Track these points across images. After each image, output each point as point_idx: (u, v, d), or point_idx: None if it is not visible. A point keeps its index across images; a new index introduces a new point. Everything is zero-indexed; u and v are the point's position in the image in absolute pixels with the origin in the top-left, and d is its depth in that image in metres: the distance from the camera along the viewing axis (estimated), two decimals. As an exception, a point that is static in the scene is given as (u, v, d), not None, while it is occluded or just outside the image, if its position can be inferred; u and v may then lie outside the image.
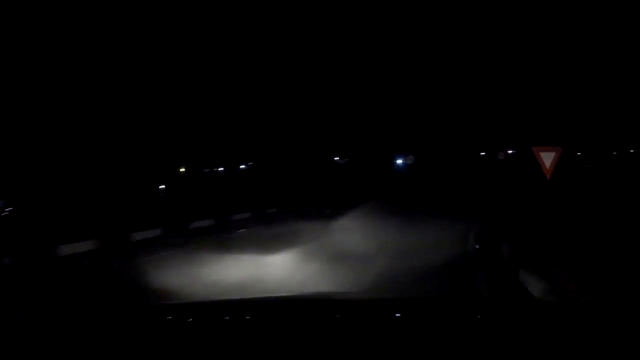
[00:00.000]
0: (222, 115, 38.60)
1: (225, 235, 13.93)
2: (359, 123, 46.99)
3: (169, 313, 2.18)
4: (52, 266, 10.55)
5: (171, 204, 22.47)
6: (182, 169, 38.49)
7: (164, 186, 30.45)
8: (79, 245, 12.67)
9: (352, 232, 10.78)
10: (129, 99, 29.43)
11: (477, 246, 8.90)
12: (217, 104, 38.26)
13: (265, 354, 1.51)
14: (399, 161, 41.38)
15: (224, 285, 6.64)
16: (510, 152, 51.04)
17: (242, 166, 47.50)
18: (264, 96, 41.81)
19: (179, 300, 4.90)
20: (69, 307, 5.37)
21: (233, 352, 1.55)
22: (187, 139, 35.48)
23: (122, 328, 1.89)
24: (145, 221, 15.96)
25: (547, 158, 9.31)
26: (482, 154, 53.81)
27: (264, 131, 42.35)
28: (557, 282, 5.39)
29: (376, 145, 46.95)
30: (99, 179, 23.84)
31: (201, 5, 40.09)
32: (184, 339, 1.67)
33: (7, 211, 20.01)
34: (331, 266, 7.41)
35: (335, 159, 50.98)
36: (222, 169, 45.75)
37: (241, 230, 15.10)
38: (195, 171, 39.83)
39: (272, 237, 11.57)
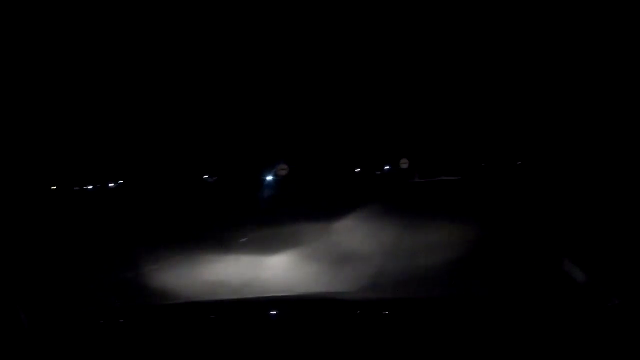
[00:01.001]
0: (100, 125, 36.70)
1: None
2: (230, 133, 41.81)
3: (169, 313, 2.19)
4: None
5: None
6: (54, 187, 36.32)
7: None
8: None
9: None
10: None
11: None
12: (97, 112, 36.53)
13: (265, 354, 1.51)
14: (269, 177, 31.06)
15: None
16: (387, 167, 45.61)
17: (112, 184, 43.51)
18: (138, 106, 39.31)
19: (179, 300, 4.90)
20: (69, 308, 5.37)
21: (232, 352, 1.55)
22: (63, 153, 33.71)
23: (122, 328, 1.89)
24: None
25: None
26: (357, 170, 47.06)
27: (136, 144, 39.31)
28: None
29: (248, 157, 40.33)
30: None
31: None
32: (184, 339, 1.67)
33: None
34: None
35: (205, 177, 45.35)
36: (91, 187, 41.83)
37: None
38: (65, 189, 36.90)
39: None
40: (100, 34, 38.37)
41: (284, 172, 27.00)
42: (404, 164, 35.00)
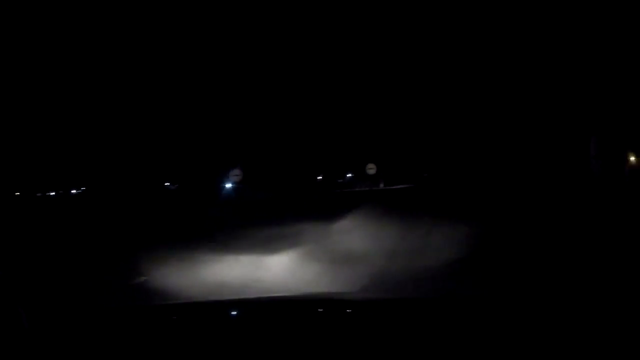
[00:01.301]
0: (63, 133, 36.45)
1: None
2: (190, 139, 40.99)
3: (169, 313, 2.19)
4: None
5: None
6: (17, 193, 36.27)
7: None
8: None
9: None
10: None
11: None
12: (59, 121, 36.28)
13: (265, 354, 1.51)
14: (229, 184, 28.63)
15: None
16: (349, 175, 42.92)
17: (74, 191, 43.11)
18: (97, 116, 38.82)
19: (179, 300, 4.89)
20: (69, 308, 5.37)
21: (233, 352, 1.55)
22: (24, 160, 33.53)
23: (122, 328, 1.89)
24: None
25: None
26: (318, 178, 44.23)
27: (99, 152, 38.90)
28: None
29: (208, 164, 38.35)
30: None
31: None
32: (184, 339, 1.67)
33: None
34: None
35: (166, 184, 44.56)
36: (53, 193, 41.25)
37: None
38: (28, 195, 36.53)
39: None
40: (59, 46, 38.39)
41: (237, 178, 26.34)
42: (371, 169, 30.63)
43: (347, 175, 44.39)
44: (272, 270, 7.64)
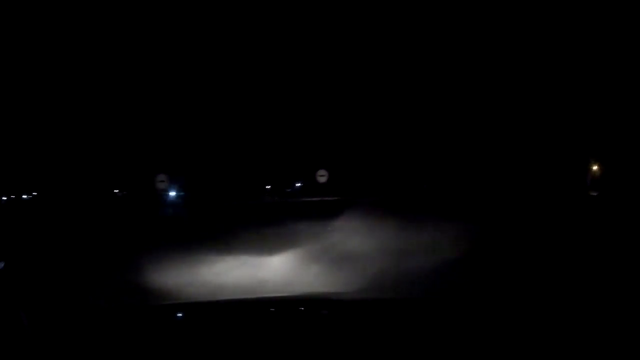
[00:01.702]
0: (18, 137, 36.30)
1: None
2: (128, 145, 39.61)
3: (169, 313, 2.19)
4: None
5: None
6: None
7: None
8: None
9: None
10: None
11: None
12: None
13: (264, 354, 1.52)
14: (172, 193, 25.71)
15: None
16: (298, 184, 38.84)
17: (25, 196, 42.12)
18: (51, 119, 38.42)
19: (179, 300, 4.89)
20: (69, 308, 5.36)
21: (233, 352, 1.55)
22: None
23: (122, 328, 1.89)
24: None
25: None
26: (267, 187, 41.10)
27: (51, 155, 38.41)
28: None
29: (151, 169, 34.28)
30: None
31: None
32: (184, 339, 1.67)
33: None
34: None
35: (115, 191, 43.47)
36: (4, 198, 39.39)
37: None
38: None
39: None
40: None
41: (162, 185, 23.40)
42: (322, 176, 27.21)
43: (296, 185, 39.78)
44: (272, 270, 7.62)
